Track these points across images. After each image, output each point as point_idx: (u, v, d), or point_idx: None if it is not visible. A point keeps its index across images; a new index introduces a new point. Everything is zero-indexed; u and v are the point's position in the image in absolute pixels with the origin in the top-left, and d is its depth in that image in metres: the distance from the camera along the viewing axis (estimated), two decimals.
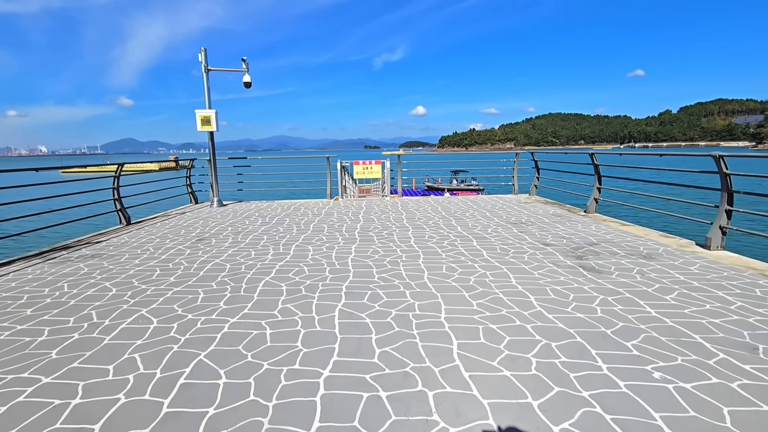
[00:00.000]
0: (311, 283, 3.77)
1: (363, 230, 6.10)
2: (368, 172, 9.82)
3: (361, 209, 8.22)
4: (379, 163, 9.80)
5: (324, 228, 6.35)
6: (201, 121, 8.65)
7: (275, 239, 5.66)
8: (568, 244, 5.00)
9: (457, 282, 3.71)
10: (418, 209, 8.04)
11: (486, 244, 5.07)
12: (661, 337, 2.60)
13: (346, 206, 8.70)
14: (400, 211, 7.89)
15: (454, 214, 7.31)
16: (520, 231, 5.82)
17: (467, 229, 6.04)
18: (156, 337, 2.74)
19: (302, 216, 7.57)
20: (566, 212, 7.36)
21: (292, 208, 8.70)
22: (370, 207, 8.51)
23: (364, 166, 9.80)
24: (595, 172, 7.14)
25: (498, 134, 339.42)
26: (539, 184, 9.77)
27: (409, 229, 6.13)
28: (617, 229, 5.82)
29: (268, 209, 8.57)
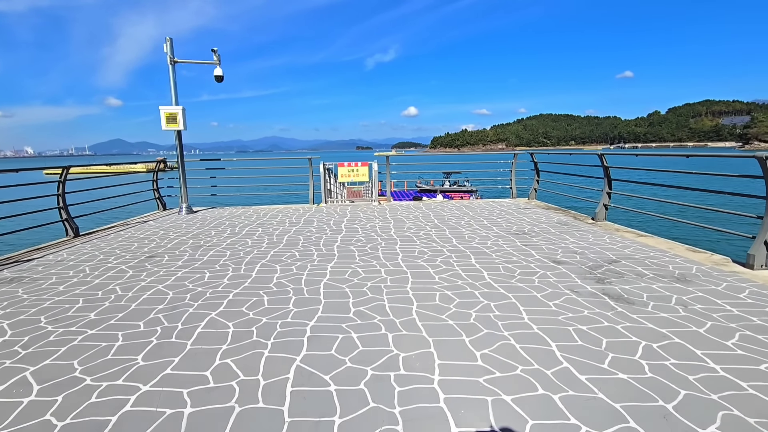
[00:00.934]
0: (268, 322, 2.94)
1: (344, 243, 5.28)
2: (354, 175, 9.00)
3: (345, 216, 7.40)
4: (366, 165, 8.99)
5: (299, 240, 5.52)
6: (166, 119, 7.76)
7: (239, 255, 4.81)
8: (582, 262, 4.23)
9: (454, 319, 2.91)
10: (408, 216, 7.24)
11: (487, 262, 4.28)
12: (748, 418, 1.82)
13: (329, 213, 7.87)
14: (388, 218, 7.09)
15: (447, 223, 6.53)
16: (524, 244, 5.05)
17: (464, 241, 5.26)
18: (24, 421, 1.89)
19: (278, 225, 6.73)
20: (572, 220, 6.62)
21: (269, 215, 7.85)
22: (356, 214, 7.69)
23: (349, 168, 8.98)
24: (604, 175, 6.40)
25: (490, 135, 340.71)
26: (539, 187, 9.04)
27: (396, 241, 5.33)
28: (635, 242, 5.07)
29: (242, 217, 7.71)
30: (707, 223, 5.28)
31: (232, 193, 10.66)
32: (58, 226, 6.36)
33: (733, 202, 5.13)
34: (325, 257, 4.64)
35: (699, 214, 15.68)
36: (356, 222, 6.81)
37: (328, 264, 4.36)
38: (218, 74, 8.18)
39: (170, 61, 7.84)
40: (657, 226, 15.17)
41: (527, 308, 3.07)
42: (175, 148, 8.26)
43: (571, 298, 3.25)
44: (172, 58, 7.85)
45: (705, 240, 14.15)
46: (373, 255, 4.68)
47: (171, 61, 7.84)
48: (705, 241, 13.94)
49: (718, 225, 5.07)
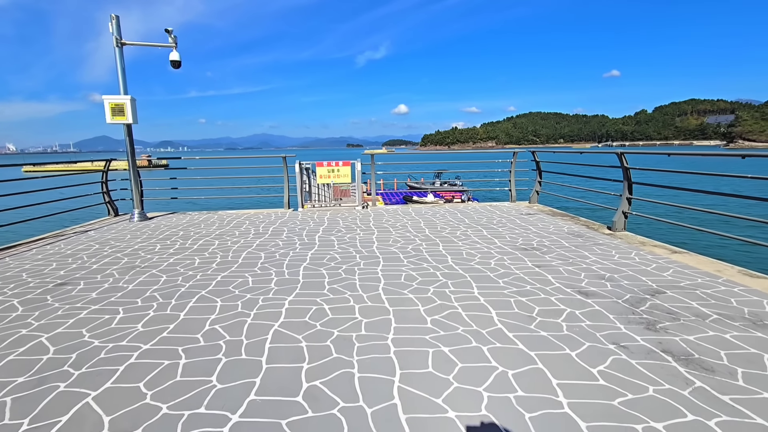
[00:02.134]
0: (169, 413, 1.90)
1: (313, 264, 4.24)
2: (335, 176, 7.94)
3: (321, 225, 6.36)
4: (347, 165, 7.94)
5: (259, 259, 4.47)
6: (111, 111, 6.61)
7: (174, 283, 3.74)
8: (617, 293, 3.27)
9: (455, 407, 1.91)
10: (394, 225, 6.23)
11: (494, 294, 3.29)
12: None
13: (304, 220, 6.82)
14: (371, 227, 6.07)
15: (441, 234, 5.53)
16: (536, 264, 4.08)
17: (461, 260, 4.27)
18: None
19: (240, 236, 5.66)
20: (586, 230, 5.68)
21: (234, 222, 6.77)
22: (335, 221, 6.65)
23: (329, 168, 7.92)
24: (624, 177, 5.46)
25: (480, 133, 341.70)
26: (541, 189, 8.10)
27: (379, 261, 4.31)
28: (672, 261, 4.13)
29: (202, 225, 6.61)
30: (757, 237, 4.36)
31: (198, 197, 9.52)
32: None
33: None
34: (285, 286, 3.61)
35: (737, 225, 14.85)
36: (334, 232, 5.78)
37: (286, 299, 3.32)
38: (174, 59, 7.04)
39: (116, 43, 6.68)
40: (683, 238, 13.69)
41: (562, 382, 2.08)
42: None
43: (621, 361, 2.27)
44: (119, 39, 6.69)
45: (749, 256, 12.47)
46: (347, 283, 3.65)
47: (117, 43, 6.68)
48: (753, 259, 11.90)
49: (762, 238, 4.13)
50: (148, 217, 7.38)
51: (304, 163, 8.05)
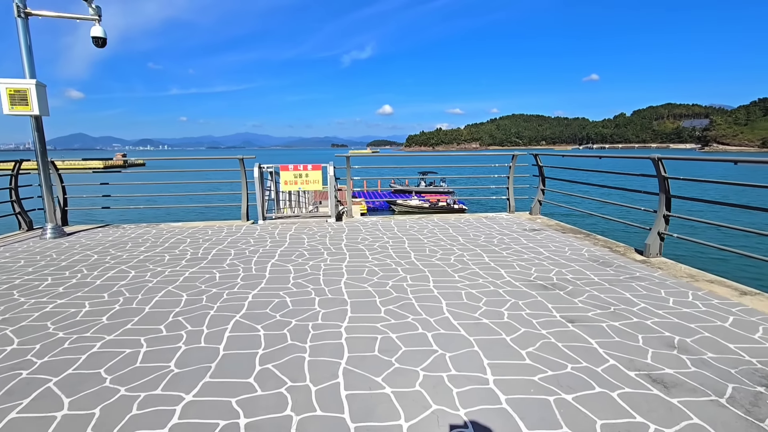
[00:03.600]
0: None
1: (248, 318, 2.95)
2: (302, 182, 6.64)
3: (280, 245, 5.06)
4: (318, 169, 6.64)
5: (176, 305, 3.15)
6: (10, 99, 5.16)
7: (29, 350, 2.40)
8: (708, 381, 2.09)
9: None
10: (372, 245, 4.98)
11: (519, 387, 2.07)
12: None
13: (260, 238, 5.50)
14: (342, 250, 4.81)
15: (430, 260, 4.31)
16: (566, 314, 2.89)
17: (462, 308, 3.04)
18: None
19: (168, 263, 4.31)
20: (609, 253, 4.54)
21: (172, 240, 5.40)
22: (299, 240, 5.36)
23: (296, 173, 6.61)
24: (662, 189, 4.32)
25: (464, 134, 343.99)
26: (545, 199, 6.98)
27: (346, 311, 3.05)
28: (747, 309, 3.00)
29: (129, 245, 5.22)
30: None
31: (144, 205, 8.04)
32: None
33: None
34: (197, 365, 2.31)
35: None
36: (293, 257, 4.49)
37: (185, 397, 2.02)
38: (97, 35, 5.62)
39: (18, 12, 5.23)
40: (736, 268, 12.41)
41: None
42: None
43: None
44: (22, 8, 5.25)
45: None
46: (291, 361, 2.38)
47: (20, 12, 5.24)
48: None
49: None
50: (66, 232, 5.94)
51: (266, 166, 6.72)
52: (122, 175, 7.85)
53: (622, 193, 5.51)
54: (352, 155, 6.87)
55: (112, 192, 7.60)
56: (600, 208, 6.07)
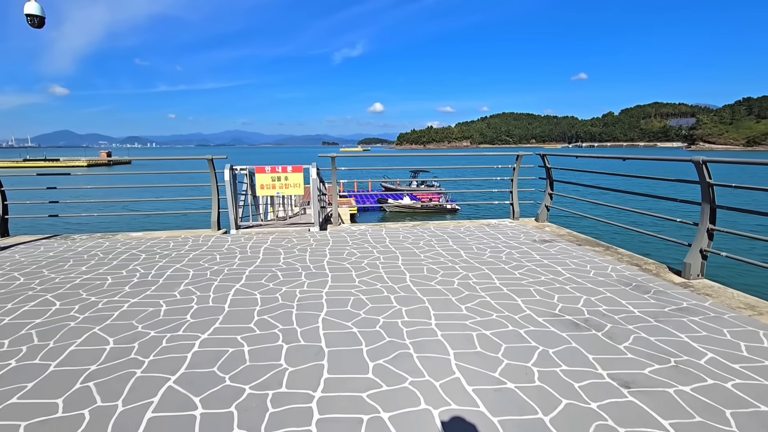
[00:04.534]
0: None
1: (190, 378, 2.17)
2: (281, 185, 5.83)
3: (251, 264, 4.25)
4: (298, 171, 5.84)
5: (98, 356, 2.35)
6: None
7: None
8: None
9: None
10: (360, 263, 4.21)
11: None
12: None
13: (228, 253, 4.69)
14: (324, 270, 4.02)
15: (429, 285, 3.56)
16: (610, 370, 2.16)
17: (473, 354, 2.30)
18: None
19: (107, 291, 3.49)
20: (639, 272, 3.84)
21: (124, 256, 4.56)
22: (273, 256, 4.56)
23: (273, 175, 5.80)
24: (705, 198, 3.61)
25: (455, 132, 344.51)
26: (552, 204, 6.28)
27: (322, 363, 2.28)
28: None
29: (70, 262, 4.37)
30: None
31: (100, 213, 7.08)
32: None
33: None
34: None
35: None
36: (263, 281, 3.70)
37: None
38: (32, 12, 4.73)
39: None
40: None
41: None
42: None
43: None
44: None
45: None
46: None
47: None
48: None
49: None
50: (0, 246, 5.06)
51: (239, 168, 5.89)
52: (83, 178, 6.94)
53: (644, 200, 4.83)
54: (339, 155, 6.08)
55: (68, 197, 6.70)
56: (617, 215, 5.43)
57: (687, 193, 4.26)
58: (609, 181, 4.88)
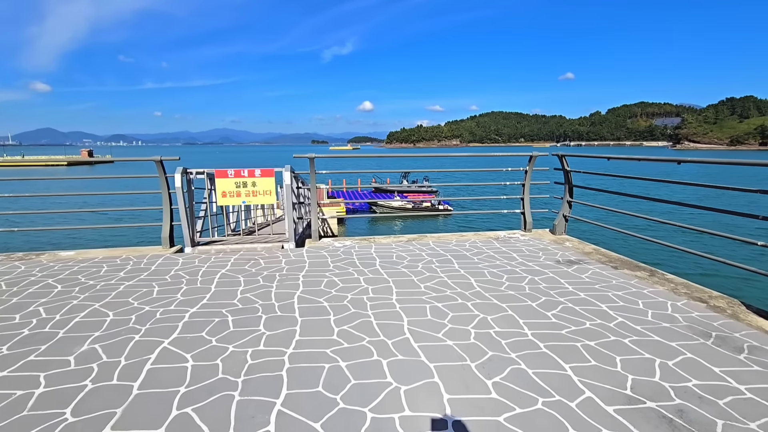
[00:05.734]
0: None
1: None
2: (247, 192, 4.77)
3: (197, 299, 3.20)
4: (269, 175, 4.78)
5: None
6: None
7: None
8: None
9: None
10: (341, 299, 3.19)
11: None
12: None
13: (172, 284, 3.63)
14: (292, 311, 2.99)
15: (437, 334, 2.56)
16: None
17: None
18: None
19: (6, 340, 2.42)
20: (710, 312, 2.90)
21: (34, 288, 3.46)
22: (230, 287, 3.51)
23: (238, 180, 4.74)
24: None
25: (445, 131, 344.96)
26: (571, 213, 5.34)
27: None
28: None
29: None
30: None
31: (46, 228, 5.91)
32: None
33: None
34: None
35: None
36: (203, 336, 2.65)
37: None
38: None
39: None
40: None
41: None
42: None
43: None
44: None
45: None
46: None
47: None
48: None
49: None
50: None
51: (195, 171, 4.81)
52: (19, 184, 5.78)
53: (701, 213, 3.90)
54: (318, 156, 5.03)
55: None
56: (639, 226, 4.55)
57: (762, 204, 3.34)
58: (635, 188, 4.11)
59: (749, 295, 3.18)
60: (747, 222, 3.38)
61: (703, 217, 14.85)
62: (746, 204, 24.14)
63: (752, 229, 14.71)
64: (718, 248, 3.18)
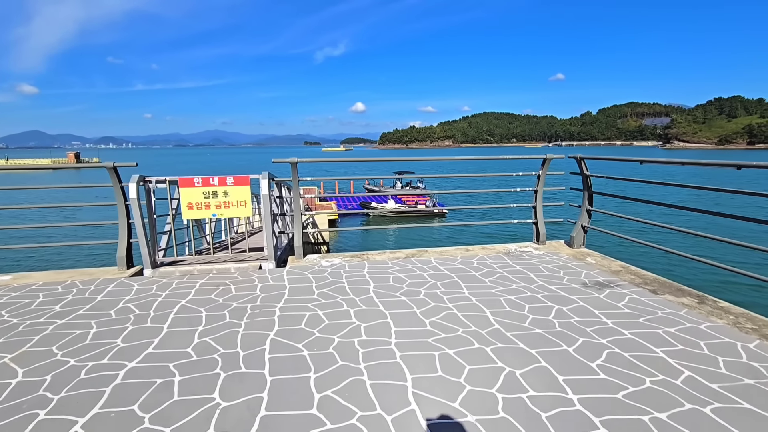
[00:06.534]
0: None
1: None
2: (218, 204, 4.07)
3: (140, 349, 2.50)
4: (244, 183, 4.07)
5: None
6: None
7: None
8: None
9: None
10: (325, 345, 2.50)
11: None
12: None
13: (114, 323, 2.91)
14: (260, 364, 2.30)
15: (449, 405, 1.89)
16: None
17: None
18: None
19: None
20: None
21: None
22: (187, 326, 2.81)
23: (206, 189, 4.03)
24: None
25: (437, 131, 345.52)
26: (590, 223, 4.71)
27: None
28: None
29: None
30: None
31: None
32: None
33: None
34: None
35: None
36: (133, 414, 1.96)
37: None
38: None
39: None
40: None
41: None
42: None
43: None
44: None
45: None
46: None
47: None
48: None
49: None
50: None
51: (155, 179, 4.08)
52: None
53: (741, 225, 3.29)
54: (302, 160, 4.33)
55: None
56: (673, 240, 3.95)
57: None
58: (665, 194, 3.60)
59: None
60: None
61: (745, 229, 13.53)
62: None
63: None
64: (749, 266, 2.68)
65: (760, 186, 2.29)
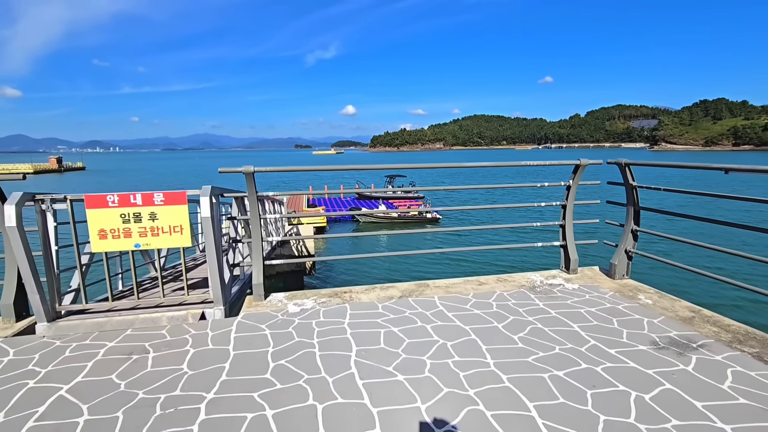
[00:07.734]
0: None
1: None
2: (142, 231, 2.95)
3: None
4: (178, 201, 2.97)
5: None
6: None
7: None
8: None
9: None
10: None
11: None
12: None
13: None
14: None
15: None
16: None
17: None
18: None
19: None
20: None
21: None
22: None
23: (124, 210, 2.91)
24: None
25: (428, 134, 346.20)
26: (636, 248, 3.68)
27: None
28: None
29: None
30: None
31: None
32: None
33: None
34: None
35: None
36: None
37: None
38: None
39: None
40: None
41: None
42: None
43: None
44: None
45: None
46: None
47: None
48: None
49: None
50: None
51: (51, 197, 2.94)
52: None
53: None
54: (260, 169, 3.23)
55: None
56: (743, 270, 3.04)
57: None
58: (735, 211, 2.79)
59: None
60: None
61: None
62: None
63: None
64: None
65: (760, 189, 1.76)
